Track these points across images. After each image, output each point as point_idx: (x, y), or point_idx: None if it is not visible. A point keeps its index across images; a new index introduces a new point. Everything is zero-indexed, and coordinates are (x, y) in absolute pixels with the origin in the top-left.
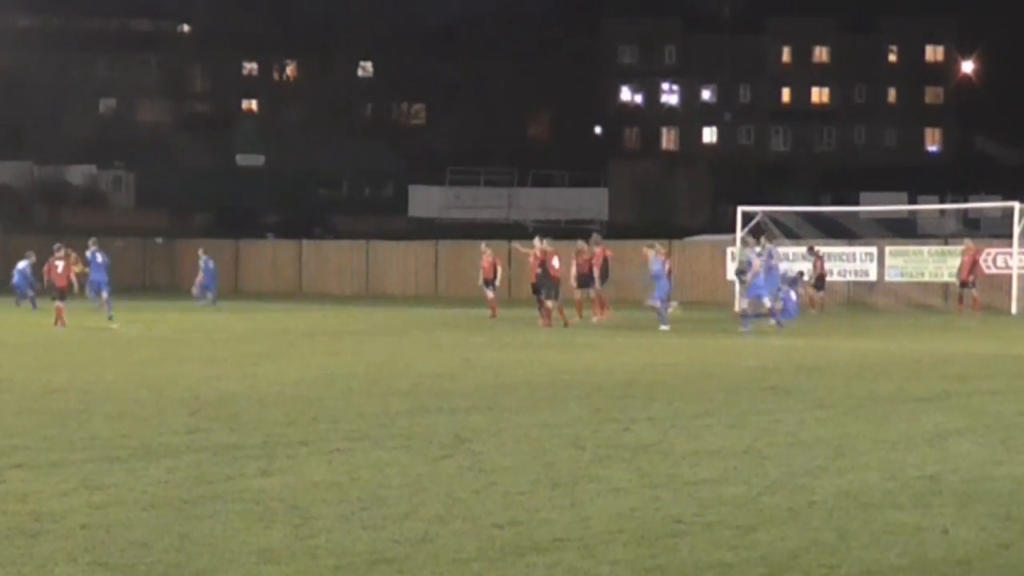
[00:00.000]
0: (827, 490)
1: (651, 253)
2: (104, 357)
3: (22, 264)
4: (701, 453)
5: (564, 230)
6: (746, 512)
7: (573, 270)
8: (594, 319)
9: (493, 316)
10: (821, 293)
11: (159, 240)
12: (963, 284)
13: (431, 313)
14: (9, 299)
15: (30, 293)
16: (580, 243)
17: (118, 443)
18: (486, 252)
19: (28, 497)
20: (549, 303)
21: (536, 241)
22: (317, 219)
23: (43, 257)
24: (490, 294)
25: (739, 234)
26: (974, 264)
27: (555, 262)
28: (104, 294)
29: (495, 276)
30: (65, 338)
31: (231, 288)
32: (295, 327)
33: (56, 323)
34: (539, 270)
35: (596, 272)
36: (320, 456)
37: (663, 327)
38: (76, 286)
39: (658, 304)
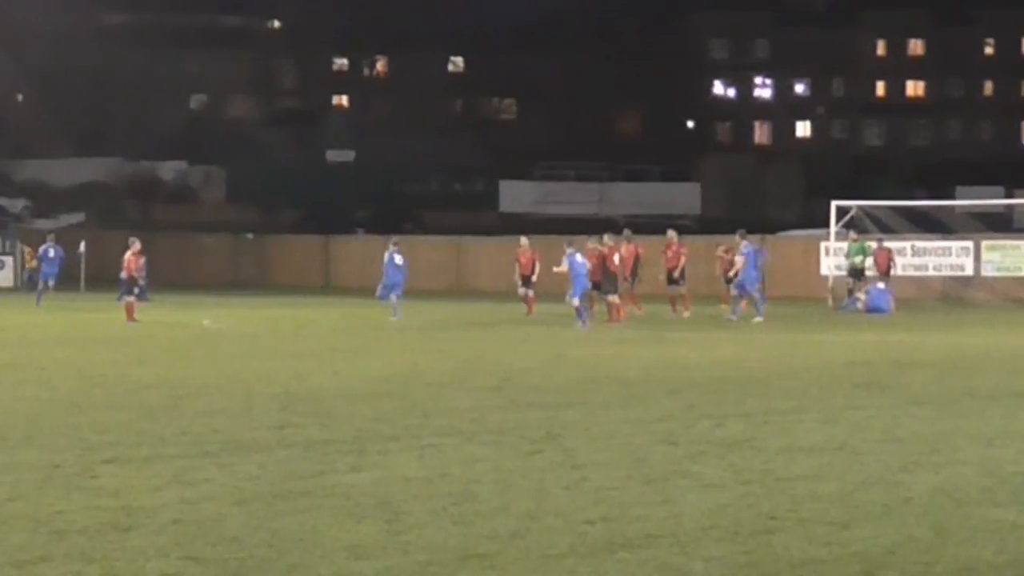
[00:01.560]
0: (923, 487)
1: (743, 244)
2: (194, 353)
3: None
4: (794, 449)
5: (655, 225)
6: (840, 508)
7: (664, 266)
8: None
9: (529, 313)
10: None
11: (249, 236)
12: None
13: (521, 308)
14: (103, 294)
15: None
16: (671, 234)
17: (209, 438)
18: (524, 247)
19: (120, 492)
20: (612, 298)
21: (606, 239)
22: (407, 214)
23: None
24: (528, 292)
25: (833, 228)
26: None
27: (615, 258)
28: (50, 283)
29: (532, 272)
30: (155, 334)
31: (321, 283)
32: (385, 322)
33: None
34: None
35: (626, 271)
36: (411, 452)
37: (757, 318)
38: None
39: (755, 294)
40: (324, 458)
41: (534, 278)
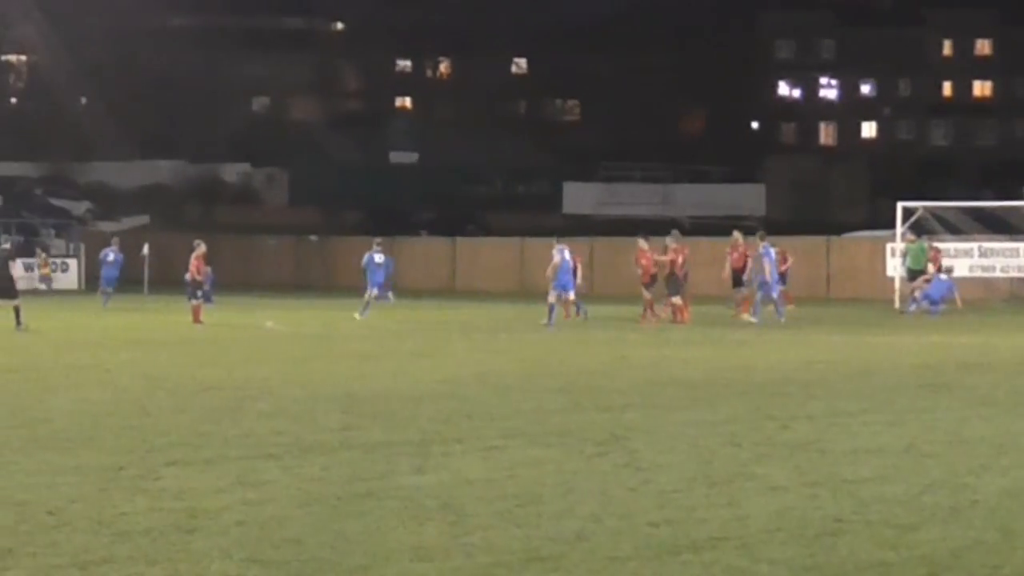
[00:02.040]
0: (990, 489)
1: (761, 245)
2: (257, 355)
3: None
4: (860, 451)
5: (720, 227)
6: (907, 511)
7: (727, 267)
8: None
9: (566, 317)
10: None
11: (312, 238)
12: None
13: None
14: (166, 296)
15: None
16: (736, 235)
17: (272, 440)
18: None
19: (184, 494)
20: (676, 300)
21: (669, 240)
22: (470, 216)
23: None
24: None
25: (899, 230)
26: None
27: (680, 260)
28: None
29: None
30: (218, 336)
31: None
32: (448, 324)
33: (195, 320)
34: (654, 270)
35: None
36: (475, 454)
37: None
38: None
39: (759, 297)
40: (387, 460)
41: (578, 281)
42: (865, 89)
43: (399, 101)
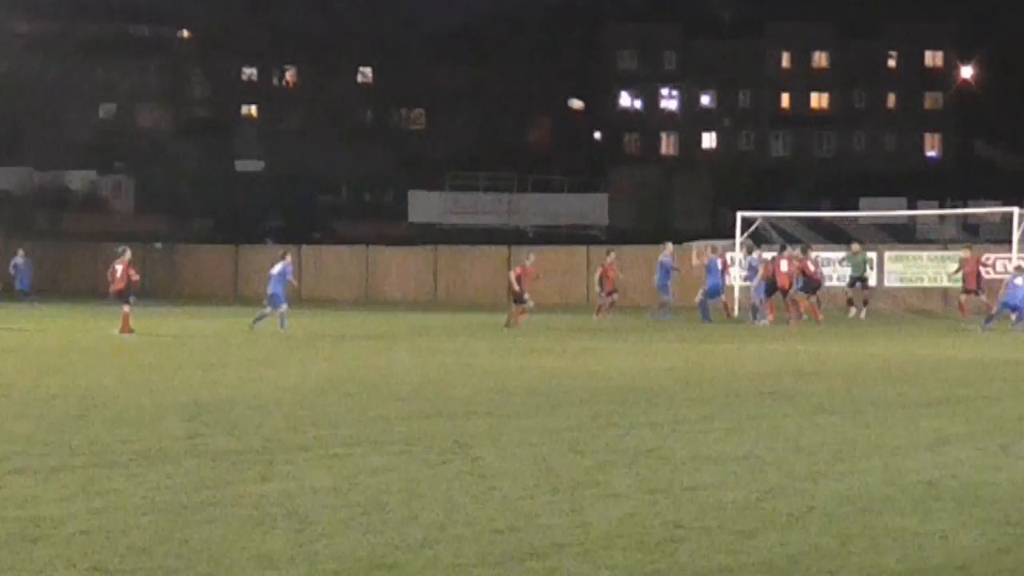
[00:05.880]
0: (827, 495)
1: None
2: (102, 362)
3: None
4: (700, 458)
5: (564, 236)
6: (746, 517)
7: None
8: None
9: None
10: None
11: (158, 245)
12: (970, 291)
13: (430, 319)
14: (10, 305)
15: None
16: (801, 249)
17: (117, 448)
18: (530, 258)
19: (27, 503)
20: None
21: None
22: (317, 224)
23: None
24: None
25: (739, 239)
26: (977, 271)
27: (783, 267)
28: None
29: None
30: (64, 343)
31: (231, 294)
32: (294, 332)
33: (122, 329)
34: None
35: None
36: (319, 461)
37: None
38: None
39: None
40: (233, 468)
41: (527, 295)
42: (705, 100)
43: (245, 109)
